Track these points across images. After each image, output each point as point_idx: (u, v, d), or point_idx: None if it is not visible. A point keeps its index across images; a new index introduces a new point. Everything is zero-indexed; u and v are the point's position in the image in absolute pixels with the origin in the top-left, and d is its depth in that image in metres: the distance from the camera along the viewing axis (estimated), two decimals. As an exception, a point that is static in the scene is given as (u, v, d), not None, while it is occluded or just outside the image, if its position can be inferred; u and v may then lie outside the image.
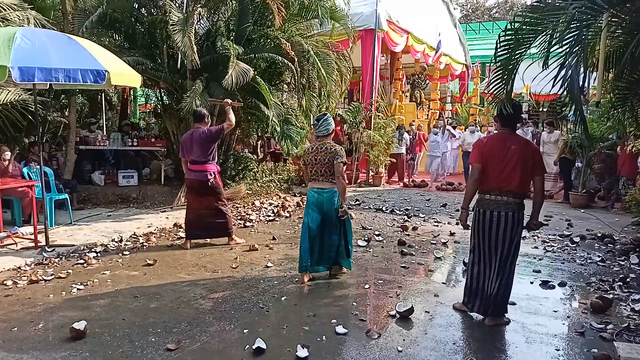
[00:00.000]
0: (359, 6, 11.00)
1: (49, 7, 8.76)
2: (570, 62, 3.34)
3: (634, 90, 4.64)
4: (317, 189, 4.59)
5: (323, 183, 4.56)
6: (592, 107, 9.29)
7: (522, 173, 3.65)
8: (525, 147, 3.72)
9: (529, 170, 3.68)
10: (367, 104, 11.32)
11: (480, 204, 3.82)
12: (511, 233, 3.70)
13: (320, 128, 4.58)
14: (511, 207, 3.68)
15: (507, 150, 3.67)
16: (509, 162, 3.65)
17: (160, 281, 4.67)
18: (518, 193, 3.70)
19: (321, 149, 4.51)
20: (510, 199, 3.68)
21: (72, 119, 8.54)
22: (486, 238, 3.77)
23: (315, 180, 4.59)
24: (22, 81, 4.71)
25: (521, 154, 3.65)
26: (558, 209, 8.88)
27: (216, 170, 5.80)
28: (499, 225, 3.69)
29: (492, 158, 3.70)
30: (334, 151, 4.47)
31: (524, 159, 3.65)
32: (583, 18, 3.39)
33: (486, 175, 3.74)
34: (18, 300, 4.12)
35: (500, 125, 3.90)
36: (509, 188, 3.67)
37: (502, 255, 3.74)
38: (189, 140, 5.65)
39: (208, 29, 8.57)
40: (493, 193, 3.73)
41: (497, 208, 3.70)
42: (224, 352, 3.29)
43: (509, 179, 3.66)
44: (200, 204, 5.75)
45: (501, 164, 3.68)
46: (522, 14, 4.07)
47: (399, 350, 3.35)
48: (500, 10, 36.51)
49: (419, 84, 18.17)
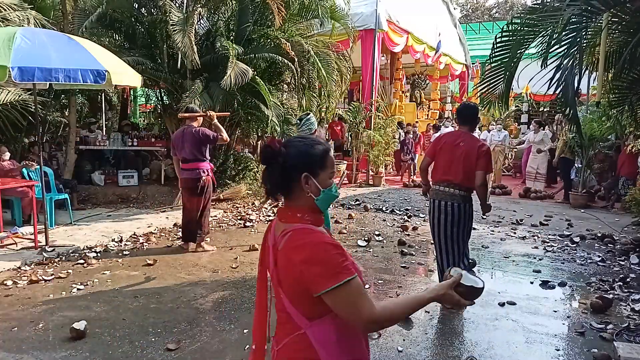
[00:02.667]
0: (359, 6, 11.00)
1: (49, 7, 8.76)
2: (566, 65, 3.35)
3: (634, 89, 4.65)
4: None
5: None
6: (592, 107, 9.29)
7: (465, 168, 3.93)
8: (472, 144, 3.98)
9: (472, 165, 3.92)
10: (367, 104, 11.32)
11: (432, 194, 4.16)
12: (452, 222, 3.98)
13: (302, 127, 4.47)
14: (456, 199, 3.97)
15: (457, 147, 3.98)
16: (455, 157, 3.96)
17: (160, 281, 4.67)
18: (463, 186, 3.98)
19: None
20: (455, 191, 3.97)
21: (72, 119, 8.54)
22: (434, 225, 4.11)
23: None
24: (22, 81, 4.71)
25: (468, 150, 3.93)
26: (558, 209, 8.88)
27: (209, 169, 5.63)
28: (443, 214, 4.01)
29: (442, 152, 4.07)
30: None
31: (469, 155, 3.92)
32: (579, 20, 3.39)
33: (436, 167, 4.14)
34: (18, 300, 4.12)
35: (459, 124, 4.28)
36: (454, 181, 3.98)
37: (446, 242, 4.06)
38: (180, 138, 5.51)
39: (208, 29, 8.58)
40: (441, 184, 4.07)
41: (444, 198, 4.02)
42: (224, 352, 3.29)
43: (454, 172, 3.97)
44: (192, 204, 5.60)
45: (448, 159, 4.02)
46: (520, 15, 4.10)
47: (399, 350, 3.35)
48: (500, 10, 36.52)
49: (419, 84, 18.16)
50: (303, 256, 1.36)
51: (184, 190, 5.73)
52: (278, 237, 1.46)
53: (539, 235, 6.86)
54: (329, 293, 1.33)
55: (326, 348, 1.40)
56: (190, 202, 5.63)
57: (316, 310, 1.40)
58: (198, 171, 5.50)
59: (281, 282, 1.44)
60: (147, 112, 17.51)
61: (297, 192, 1.45)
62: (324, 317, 1.41)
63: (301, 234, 1.41)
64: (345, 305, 1.34)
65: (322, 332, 1.41)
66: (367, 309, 1.34)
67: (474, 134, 4.25)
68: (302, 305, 1.41)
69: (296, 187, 1.45)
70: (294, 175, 1.43)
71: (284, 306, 1.45)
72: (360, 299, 1.34)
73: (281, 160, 1.43)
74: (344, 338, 1.43)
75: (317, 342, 1.40)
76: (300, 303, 1.41)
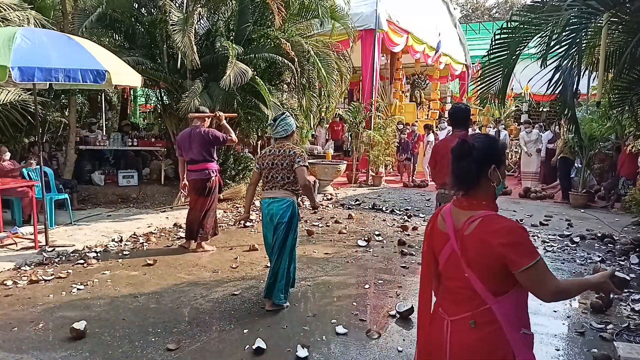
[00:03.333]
0: (359, 6, 11.00)
1: (49, 7, 8.76)
2: (565, 66, 3.35)
3: (634, 89, 4.64)
4: (268, 198, 3.98)
5: (276, 191, 3.94)
6: (592, 107, 9.29)
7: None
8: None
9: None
10: (367, 104, 11.32)
11: (439, 198, 4.15)
12: None
13: (277, 129, 4.00)
14: None
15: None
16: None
17: (160, 281, 4.67)
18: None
19: (279, 152, 3.93)
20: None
21: (72, 119, 8.53)
22: None
23: (268, 189, 3.99)
24: (22, 81, 4.71)
25: None
26: (558, 209, 8.88)
27: (217, 169, 5.64)
28: None
29: (443, 158, 4.00)
30: (293, 154, 3.88)
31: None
32: (578, 22, 3.39)
33: (439, 173, 4.13)
34: (18, 300, 4.12)
35: (453, 128, 4.27)
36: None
37: None
38: (186, 139, 5.47)
39: (208, 29, 8.57)
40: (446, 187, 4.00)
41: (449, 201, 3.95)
42: (224, 352, 3.29)
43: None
44: (198, 204, 5.58)
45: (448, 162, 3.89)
46: (519, 12, 4.09)
47: (399, 350, 3.35)
48: (500, 10, 36.52)
49: (419, 84, 18.16)
50: (504, 239, 1.57)
51: (192, 191, 5.65)
52: (464, 223, 1.67)
53: (539, 235, 6.86)
54: (527, 270, 1.55)
55: (508, 320, 1.62)
56: (197, 202, 5.59)
57: (503, 286, 1.62)
58: (207, 172, 5.48)
59: (470, 262, 1.64)
60: (147, 112, 17.52)
61: (482, 183, 1.68)
62: (507, 292, 1.63)
63: (495, 220, 1.64)
64: (538, 280, 1.57)
65: (505, 306, 1.62)
66: (554, 282, 1.58)
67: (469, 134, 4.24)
68: (491, 282, 1.62)
69: (482, 179, 1.68)
70: (483, 168, 1.67)
71: (469, 284, 1.65)
72: (548, 274, 1.58)
73: (475, 155, 1.67)
74: (520, 311, 1.68)
75: (501, 315, 1.61)
76: (489, 280, 1.62)
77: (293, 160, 3.86)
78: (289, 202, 3.92)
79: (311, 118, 9.68)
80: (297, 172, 3.85)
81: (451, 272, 1.73)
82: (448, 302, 1.76)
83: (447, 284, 1.77)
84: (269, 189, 3.98)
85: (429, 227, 1.87)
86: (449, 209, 1.78)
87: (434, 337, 1.78)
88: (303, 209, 8.51)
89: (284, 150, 3.93)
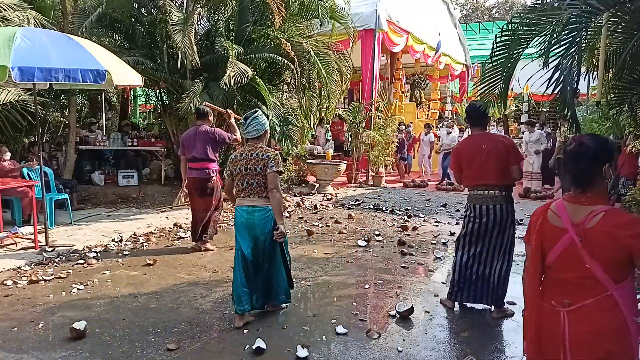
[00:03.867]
0: (359, 6, 11.01)
1: (49, 7, 8.77)
2: (564, 65, 3.35)
3: (633, 90, 4.64)
4: (246, 206, 3.63)
5: (255, 199, 3.61)
6: (592, 107, 9.29)
7: (497, 167, 3.83)
8: (496, 142, 3.92)
9: (505, 162, 3.85)
10: (367, 104, 11.32)
11: (471, 199, 4.01)
12: (501, 225, 3.88)
13: (248, 128, 3.65)
14: (499, 201, 3.87)
15: (479, 151, 3.87)
16: (484, 160, 3.84)
17: (160, 281, 4.67)
18: (502, 185, 3.88)
19: (251, 156, 3.59)
20: (497, 193, 3.86)
21: (72, 119, 8.54)
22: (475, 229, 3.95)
23: (245, 196, 3.64)
24: (22, 81, 4.71)
25: (494, 149, 3.84)
26: (558, 209, 8.87)
27: (217, 170, 5.62)
28: (489, 218, 3.88)
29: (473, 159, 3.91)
30: (266, 157, 3.56)
31: (498, 154, 3.83)
32: (578, 21, 3.39)
33: (468, 175, 3.98)
34: (18, 300, 4.12)
35: (471, 127, 4.17)
36: (492, 182, 3.86)
37: (495, 247, 3.94)
38: (192, 137, 5.42)
39: (208, 29, 8.58)
40: (480, 188, 3.93)
41: (486, 202, 3.89)
42: (224, 352, 3.29)
43: (489, 174, 3.84)
44: (200, 204, 5.56)
45: (477, 164, 3.89)
46: (519, 14, 4.09)
47: (399, 350, 3.35)
48: (500, 10, 36.53)
49: (419, 84, 18.17)
50: (632, 231, 1.73)
51: (192, 191, 5.59)
52: (585, 218, 1.83)
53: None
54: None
55: (627, 304, 1.79)
56: (198, 202, 5.55)
57: (622, 274, 1.80)
58: (208, 171, 5.45)
59: (594, 253, 1.79)
60: (147, 112, 17.53)
61: (597, 180, 1.84)
62: (626, 279, 1.81)
63: (618, 213, 1.84)
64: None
65: (624, 292, 1.80)
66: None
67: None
68: (613, 271, 1.79)
69: (598, 175, 1.84)
70: (599, 166, 1.83)
71: (590, 274, 1.80)
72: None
73: (592, 155, 1.83)
74: (634, 297, 1.84)
75: (621, 300, 1.78)
76: (612, 269, 1.79)
77: (267, 164, 3.54)
78: (270, 212, 3.59)
79: (311, 118, 9.68)
80: (269, 177, 3.53)
81: (567, 265, 1.87)
82: (561, 294, 1.89)
83: (562, 276, 1.90)
84: (247, 196, 3.63)
85: (538, 223, 1.98)
86: (562, 205, 1.92)
87: (548, 330, 1.91)
88: (303, 208, 8.52)
89: (257, 153, 3.59)
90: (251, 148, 3.65)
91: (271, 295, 3.86)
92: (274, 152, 3.66)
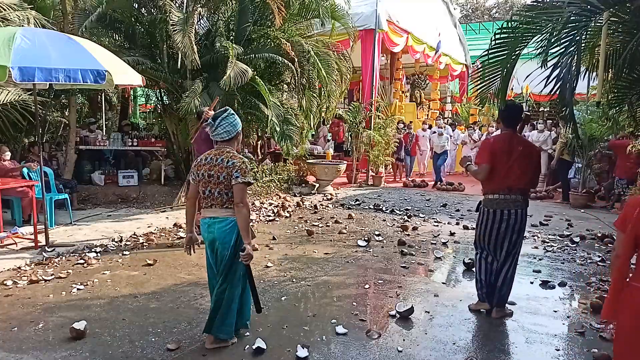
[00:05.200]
0: (359, 6, 11.01)
1: (49, 7, 8.76)
2: (564, 63, 3.35)
3: (633, 89, 4.64)
4: (208, 218, 3.23)
5: (216, 210, 3.19)
6: (592, 107, 9.29)
7: (529, 172, 3.81)
8: (531, 148, 3.91)
9: (536, 167, 3.86)
10: (367, 104, 11.32)
11: (490, 204, 3.90)
12: (519, 229, 3.87)
13: (217, 130, 3.20)
14: (520, 205, 3.84)
15: (514, 151, 3.79)
16: (516, 162, 3.77)
17: (160, 281, 4.67)
18: (526, 190, 3.88)
19: (216, 161, 3.17)
20: (519, 197, 3.83)
21: (72, 119, 8.54)
22: (493, 235, 3.90)
23: (207, 207, 3.24)
24: (22, 81, 4.70)
25: (528, 154, 3.81)
26: (558, 209, 8.88)
27: None
28: (509, 222, 3.83)
29: (500, 158, 3.80)
30: (230, 165, 3.11)
31: (531, 159, 3.81)
32: (578, 20, 3.39)
33: (495, 174, 3.82)
34: (18, 300, 4.12)
35: (504, 126, 4.01)
36: (518, 186, 3.80)
37: (507, 250, 3.92)
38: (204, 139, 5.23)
39: (208, 29, 8.58)
40: (502, 192, 3.83)
41: (507, 207, 3.83)
42: (224, 352, 3.29)
43: (518, 178, 3.78)
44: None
45: (508, 164, 3.79)
46: (519, 12, 4.08)
47: (399, 350, 3.35)
48: (500, 10, 36.50)
49: (419, 84, 18.16)
50: None
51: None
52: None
53: (539, 235, 6.86)
54: None
55: None
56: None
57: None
58: None
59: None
60: (147, 112, 17.52)
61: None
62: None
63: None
64: None
65: None
66: None
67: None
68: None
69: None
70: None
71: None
72: None
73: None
74: None
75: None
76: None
77: (230, 173, 3.09)
78: (233, 223, 3.15)
79: (311, 118, 9.68)
80: (234, 189, 3.10)
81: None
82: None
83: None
84: (208, 207, 3.23)
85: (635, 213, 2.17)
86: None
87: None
88: (303, 208, 8.52)
89: (223, 158, 3.16)
90: (218, 152, 3.22)
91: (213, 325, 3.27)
92: (241, 159, 3.18)
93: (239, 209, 3.11)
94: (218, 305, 3.25)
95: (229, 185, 3.13)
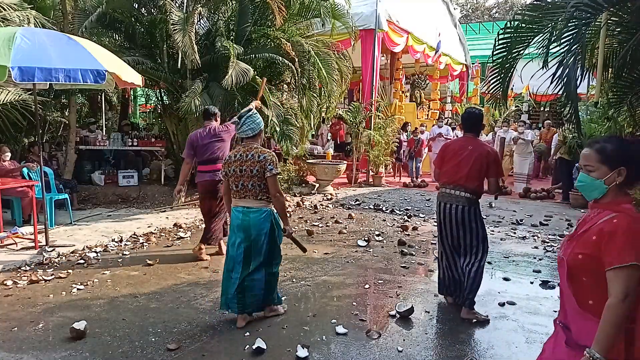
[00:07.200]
0: (359, 6, 11.00)
1: (49, 7, 8.77)
2: (568, 61, 3.35)
3: (633, 89, 4.65)
4: (242, 207, 3.57)
5: (250, 201, 3.54)
6: (591, 107, 9.29)
7: (471, 169, 3.88)
8: (481, 150, 3.95)
9: (482, 169, 3.90)
10: (367, 104, 11.32)
11: (438, 197, 4.09)
12: (465, 226, 3.91)
13: (243, 127, 3.55)
14: (462, 201, 3.90)
15: (464, 150, 3.93)
16: (462, 160, 3.91)
17: (160, 281, 4.67)
18: (470, 188, 3.90)
19: (247, 157, 3.50)
20: (462, 193, 3.90)
21: (72, 119, 8.54)
22: (442, 227, 4.04)
23: (240, 198, 3.58)
24: (22, 81, 4.70)
25: (476, 155, 3.89)
26: (558, 209, 8.88)
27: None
28: (452, 216, 3.93)
29: (450, 157, 4.00)
30: (263, 159, 3.46)
31: (477, 160, 3.88)
32: (582, 16, 3.39)
33: (443, 172, 4.06)
34: (18, 300, 4.12)
35: (465, 131, 4.20)
36: (458, 182, 3.91)
37: (464, 247, 3.97)
38: (204, 138, 5.14)
39: (208, 28, 8.58)
40: (445, 186, 4.01)
41: (450, 201, 3.95)
42: (224, 352, 3.29)
43: (462, 174, 3.90)
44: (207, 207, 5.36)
45: (455, 162, 3.96)
46: (522, 12, 4.09)
47: (399, 350, 3.35)
48: (500, 10, 36.51)
49: (419, 84, 18.16)
50: None
51: (207, 194, 5.31)
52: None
53: (539, 235, 6.86)
54: None
55: None
56: (209, 205, 5.32)
57: None
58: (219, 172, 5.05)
59: None
60: (147, 112, 17.54)
61: None
62: None
63: None
64: None
65: None
66: None
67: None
68: None
69: None
70: None
71: None
72: None
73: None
74: None
75: None
76: None
77: (264, 167, 3.45)
78: (267, 212, 3.55)
79: (311, 118, 9.68)
80: (269, 181, 3.47)
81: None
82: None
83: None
84: (241, 198, 3.57)
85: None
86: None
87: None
88: (303, 208, 8.52)
89: (253, 154, 3.50)
90: (246, 149, 3.55)
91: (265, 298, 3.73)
92: (271, 153, 3.55)
93: (276, 199, 3.53)
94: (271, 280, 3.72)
95: (262, 178, 3.47)
